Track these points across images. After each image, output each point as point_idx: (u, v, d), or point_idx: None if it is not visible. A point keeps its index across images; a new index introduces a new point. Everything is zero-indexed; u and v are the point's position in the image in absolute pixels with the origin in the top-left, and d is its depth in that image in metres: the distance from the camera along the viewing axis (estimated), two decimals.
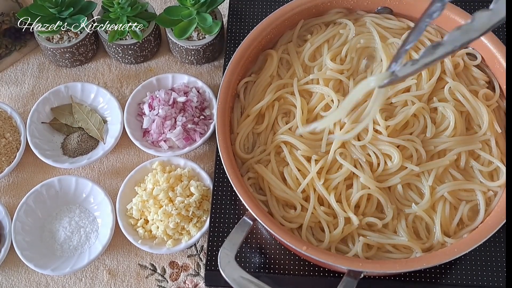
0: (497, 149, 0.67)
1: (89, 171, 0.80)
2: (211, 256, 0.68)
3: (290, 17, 0.75)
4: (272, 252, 0.68)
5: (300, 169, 0.67)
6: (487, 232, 0.61)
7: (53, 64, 0.88)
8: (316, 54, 0.74)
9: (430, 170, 0.65)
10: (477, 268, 0.66)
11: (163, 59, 0.87)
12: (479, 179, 0.67)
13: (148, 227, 0.73)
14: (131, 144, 0.79)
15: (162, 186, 0.72)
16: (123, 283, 0.73)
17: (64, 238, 0.74)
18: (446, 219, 0.64)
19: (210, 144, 0.80)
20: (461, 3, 0.78)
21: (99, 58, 0.88)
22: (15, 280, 0.74)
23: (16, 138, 0.79)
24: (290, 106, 0.71)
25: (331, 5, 0.76)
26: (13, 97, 0.85)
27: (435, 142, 0.67)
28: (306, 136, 0.69)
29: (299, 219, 0.65)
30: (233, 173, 0.64)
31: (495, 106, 0.70)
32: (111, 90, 0.85)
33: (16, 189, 0.80)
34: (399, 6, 0.75)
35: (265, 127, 0.70)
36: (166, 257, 0.75)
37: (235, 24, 0.82)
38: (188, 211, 0.72)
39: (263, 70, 0.74)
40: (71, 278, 0.74)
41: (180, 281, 0.73)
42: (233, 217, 0.70)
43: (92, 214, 0.76)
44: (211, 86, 0.82)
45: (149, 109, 0.79)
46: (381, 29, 0.74)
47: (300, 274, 0.67)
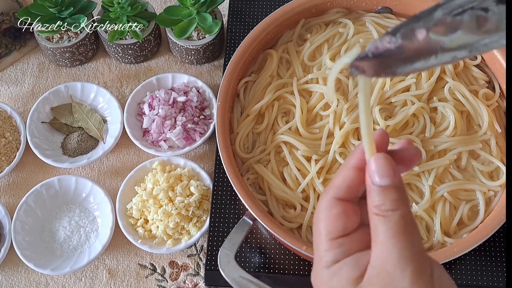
0: (497, 149, 0.67)
1: (89, 170, 0.80)
2: (211, 256, 0.68)
3: (290, 17, 0.75)
4: (272, 252, 0.68)
5: (300, 169, 0.67)
6: (487, 232, 0.61)
7: (53, 63, 0.88)
8: (315, 54, 0.75)
9: (430, 170, 0.65)
10: (477, 268, 0.66)
11: (163, 59, 0.87)
12: (479, 179, 0.67)
13: (148, 227, 0.73)
14: (131, 143, 0.79)
15: (162, 186, 0.72)
16: (123, 282, 0.73)
17: (64, 237, 0.74)
18: (446, 219, 0.64)
19: (210, 144, 0.80)
20: None
21: (99, 57, 0.88)
22: (15, 279, 0.74)
23: (16, 138, 0.79)
24: (289, 105, 0.71)
25: (331, 5, 0.76)
26: (13, 97, 0.85)
27: (435, 142, 0.67)
28: (306, 136, 0.69)
29: (299, 219, 0.65)
30: (233, 173, 0.64)
31: (495, 106, 0.70)
32: (111, 89, 0.85)
33: (16, 188, 0.79)
34: (398, 5, 0.75)
35: (265, 127, 0.70)
36: (166, 257, 0.75)
37: (235, 24, 0.82)
38: (188, 210, 0.72)
39: (263, 70, 0.74)
40: (71, 278, 0.74)
41: (180, 281, 0.73)
42: (233, 217, 0.70)
43: (92, 213, 0.76)
44: (211, 86, 0.82)
45: (149, 108, 0.79)
46: (380, 29, 0.74)
47: (300, 274, 0.67)
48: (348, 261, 0.36)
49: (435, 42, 0.37)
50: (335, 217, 0.37)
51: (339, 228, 0.37)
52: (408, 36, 0.37)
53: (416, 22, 0.37)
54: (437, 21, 0.37)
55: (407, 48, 0.37)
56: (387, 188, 0.35)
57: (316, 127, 0.70)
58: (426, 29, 0.37)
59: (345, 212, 0.37)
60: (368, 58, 0.38)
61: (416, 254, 0.34)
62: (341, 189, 0.38)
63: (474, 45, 0.36)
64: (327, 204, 0.38)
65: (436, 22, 0.37)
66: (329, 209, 0.37)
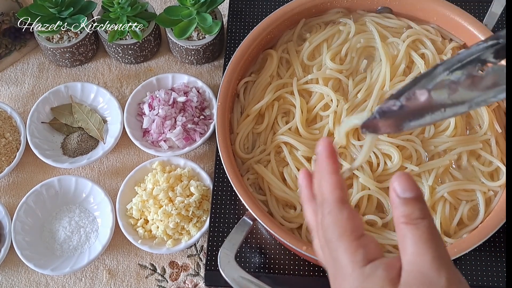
0: (497, 149, 0.67)
1: (89, 171, 0.80)
2: (211, 256, 0.68)
3: (290, 17, 0.75)
4: (272, 252, 0.68)
5: (300, 169, 0.67)
6: (487, 232, 0.61)
7: (53, 64, 0.88)
8: (315, 53, 0.74)
9: (431, 170, 0.65)
10: (477, 268, 0.66)
11: (163, 59, 0.87)
12: (479, 179, 0.66)
13: (148, 227, 0.73)
14: (131, 144, 0.79)
15: (162, 186, 0.72)
16: (123, 283, 0.73)
17: (64, 238, 0.74)
18: (446, 219, 0.64)
19: (210, 144, 0.80)
20: (460, 3, 0.78)
21: (99, 58, 0.88)
22: (15, 280, 0.74)
23: (16, 138, 0.79)
24: (289, 106, 0.71)
25: (331, 5, 0.76)
26: (13, 97, 0.85)
27: (436, 142, 0.67)
28: (306, 136, 0.69)
29: (299, 219, 0.65)
30: (233, 173, 0.64)
31: (495, 106, 0.70)
32: (111, 90, 0.85)
33: (16, 189, 0.80)
34: (398, 5, 0.75)
35: (265, 127, 0.70)
36: (166, 257, 0.75)
37: (235, 24, 0.82)
38: (188, 211, 0.72)
39: (263, 70, 0.74)
40: (71, 278, 0.74)
41: (180, 281, 0.73)
42: (233, 217, 0.70)
43: (92, 214, 0.76)
44: (211, 86, 0.82)
45: (149, 109, 0.79)
46: (381, 28, 0.74)
47: (300, 274, 0.67)
48: (382, 262, 0.37)
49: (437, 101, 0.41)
50: (348, 219, 0.39)
51: (356, 230, 0.38)
52: (411, 98, 0.41)
53: (418, 83, 0.41)
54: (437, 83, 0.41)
55: (411, 108, 0.41)
56: (412, 199, 0.37)
57: (316, 127, 0.70)
58: (428, 91, 0.41)
59: (353, 213, 0.39)
60: (376, 119, 0.43)
61: (447, 258, 0.36)
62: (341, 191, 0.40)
63: (473, 101, 0.40)
64: (334, 208, 0.39)
65: (436, 84, 0.41)
66: (340, 213, 0.39)
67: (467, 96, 0.40)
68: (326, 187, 0.40)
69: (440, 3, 0.72)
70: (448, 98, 0.40)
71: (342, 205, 0.39)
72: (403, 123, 0.42)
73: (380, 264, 0.37)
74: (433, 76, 0.41)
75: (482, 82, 0.40)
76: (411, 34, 0.73)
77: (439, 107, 0.41)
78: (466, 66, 0.40)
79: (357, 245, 0.38)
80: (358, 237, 0.38)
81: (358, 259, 0.37)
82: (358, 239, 0.38)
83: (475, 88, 0.40)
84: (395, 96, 0.42)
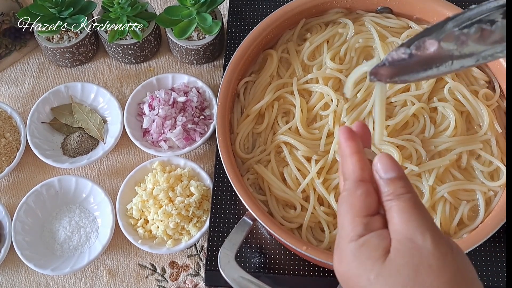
0: (497, 149, 0.67)
1: (89, 171, 0.80)
2: (211, 256, 0.68)
3: (290, 17, 0.75)
4: (272, 252, 0.68)
5: (300, 169, 0.67)
6: (487, 232, 0.61)
7: (53, 64, 0.88)
8: (315, 53, 0.75)
9: (431, 170, 0.65)
10: (477, 268, 0.66)
11: (163, 59, 0.87)
12: (480, 179, 0.66)
13: (148, 227, 0.73)
14: (131, 144, 0.79)
15: (162, 186, 0.72)
16: (123, 283, 0.73)
17: (64, 238, 0.74)
18: (446, 219, 0.64)
19: (210, 144, 0.80)
20: (460, 3, 0.78)
21: (99, 58, 0.88)
22: (15, 280, 0.74)
23: (16, 138, 0.79)
24: (289, 105, 0.71)
25: (331, 5, 0.76)
26: (13, 97, 0.86)
27: (436, 142, 0.67)
28: (306, 136, 0.69)
29: (299, 219, 0.65)
30: (233, 173, 0.64)
31: (495, 106, 0.70)
32: (111, 90, 0.85)
33: (16, 189, 0.80)
34: (398, 5, 0.75)
35: (265, 127, 0.70)
36: (166, 257, 0.75)
37: (235, 24, 0.82)
38: (188, 211, 0.72)
39: (263, 70, 0.74)
40: (71, 278, 0.74)
41: (180, 281, 0.73)
42: (233, 217, 0.70)
43: (92, 214, 0.76)
44: (211, 86, 0.82)
45: (149, 109, 0.79)
46: (380, 28, 0.74)
47: (300, 274, 0.67)
48: (374, 234, 0.39)
49: (445, 52, 0.41)
50: (360, 197, 0.40)
51: (364, 208, 0.40)
52: (421, 47, 0.42)
53: (429, 35, 0.42)
54: (447, 34, 0.41)
55: (420, 57, 0.42)
56: (394, 179, 0.40)
57: (316, 127, 0.70)
58: (438, 41, 0.41)
59: (368, 191, 0.41)
60: (385, 66, 0.43)
61: (431, 223, 0.38)
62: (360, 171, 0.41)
63: (481, 55, 0.41)
64: (350, 186, 0.41)
65: (446, 35, 0.41)
66: (354, 191, 0.41)
67: (475, 49, 0.41)
68: (347, 168, 0.42)
69: (440, 3, 0.72)
70: (456, 49, 0.41)
71: (358, 184, 0.41)
72: (411, 72, 0.43)
73: (372, 235, 0.39)
74: (443, 31, 0.42)
75: (491, 36, 0.40)
76: (411, 34, 0.73)
77: (447, 59, 0.42)
78: (475, 25, 0.41)
79: (360, 221, 0.40)
80: (364, 215, 0.40)
81: (352, 235, 0.39)
82: (363, 217, 0.40)
83: (483, 42, 0.41)
84: (406, 44, 0.42)
